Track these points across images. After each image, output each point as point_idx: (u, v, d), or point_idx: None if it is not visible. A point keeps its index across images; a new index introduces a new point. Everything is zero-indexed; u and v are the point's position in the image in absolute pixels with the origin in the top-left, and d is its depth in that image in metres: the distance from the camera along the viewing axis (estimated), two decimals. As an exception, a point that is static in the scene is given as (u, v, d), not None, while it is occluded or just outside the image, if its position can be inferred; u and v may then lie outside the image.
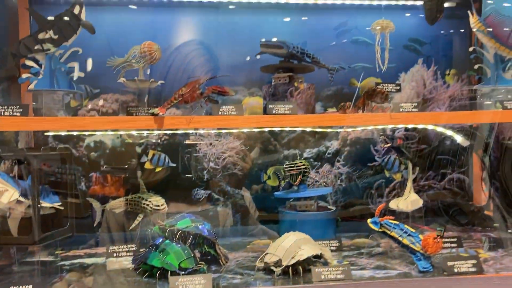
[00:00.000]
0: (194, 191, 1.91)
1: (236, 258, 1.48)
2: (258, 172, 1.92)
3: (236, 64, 1.95)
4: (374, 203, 1.99)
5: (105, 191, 1.86)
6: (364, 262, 1.40)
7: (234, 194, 1.92)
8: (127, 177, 1.87)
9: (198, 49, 1.96)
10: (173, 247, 1.31)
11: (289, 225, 1.62)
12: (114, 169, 1.88)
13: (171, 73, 1.91)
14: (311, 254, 1.31)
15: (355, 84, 1.97)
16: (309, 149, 1.97)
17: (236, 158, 1.90)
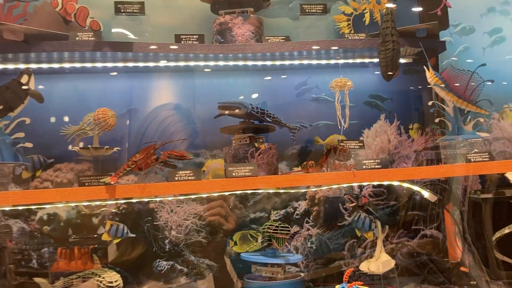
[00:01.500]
0: (154, 263, 1.79)
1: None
2: (222, 239, 1.83)
3: (207, 126, 1.91)
4: (347, 264, 1.90)
5: (71, 266, 1.73)
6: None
7: (199, 264, 1.81)
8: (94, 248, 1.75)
9: (173, 114, 1.93)
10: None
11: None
12: (81, 239, 1.76)
13: (147, 137, 1.85)
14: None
15: (319, 142, 1.94)
16: (277, 211, 1.90)
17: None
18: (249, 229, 1.85)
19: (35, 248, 1.72)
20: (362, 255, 1.89)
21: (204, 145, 1.91)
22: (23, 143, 1.47)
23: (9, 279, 1.67)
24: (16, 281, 1.68)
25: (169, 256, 1.79)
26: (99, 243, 1.71)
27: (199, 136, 1.92)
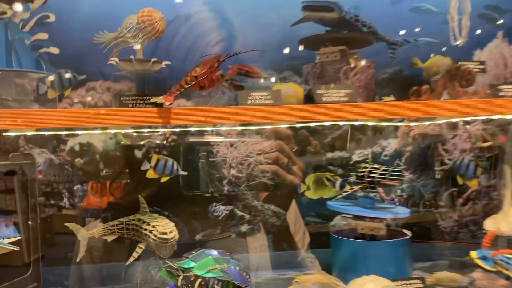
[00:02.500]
0: (211, 207, 1.46)
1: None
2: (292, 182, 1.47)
3: (260, 39, 1.50)
4: (444, 218, 1.54)
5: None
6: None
7: (263, 210, 1.47)
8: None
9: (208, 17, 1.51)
10: (190, 304, 0.86)
11: (345, 255, 1.17)
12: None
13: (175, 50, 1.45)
14: (401, 314, 0.86)
15: (418, 64, 1.51)
16: (360, 151, 1.52)
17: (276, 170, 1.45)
18: (325, 171, 1.50)
19: (66, 186, 1.41)
20: (463, 208, 1.52)
21: (270, 63, 1.51)
22: (47, 47, 1.10)
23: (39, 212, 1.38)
24: (45, 214, 1.39)
25: (228, 200, 1.46)
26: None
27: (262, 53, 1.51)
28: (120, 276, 1.30)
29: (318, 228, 1.61)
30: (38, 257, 1.10)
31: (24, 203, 1.25)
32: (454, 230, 1.51)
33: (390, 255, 1.11)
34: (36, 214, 1.29)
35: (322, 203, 1.52)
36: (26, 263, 1.16)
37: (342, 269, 1.17)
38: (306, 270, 1.38)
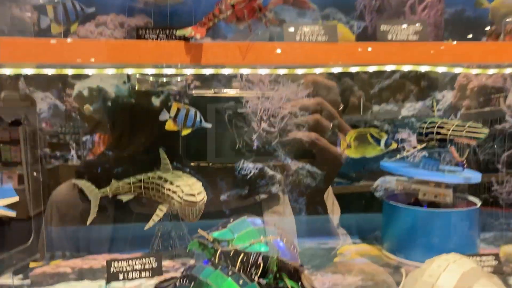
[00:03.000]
0: (237, 164, 1.28)
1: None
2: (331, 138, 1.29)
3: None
4: (500, 182, 1.35)
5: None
6: None
7: (297, 170, 1.29)
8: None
9: None
10: (231, 285, 0.69)
11: (401, 225, 1.00)
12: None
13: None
14: (493, 303, 0.69)
15: (484, 4, 1.29)
16: (411, 104, 1.32)
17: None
18: (369, 127, 1.31)
19: (73, 137, 1.23)
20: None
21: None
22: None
23: (44, 164, 1.21)
24: (51, 165, 1.22)
25: (257, 156, 1.28)
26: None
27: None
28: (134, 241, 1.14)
29: (340, 189, 1.44)
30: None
31: (28, 154, 1.08)
32: (511, 197, 1.33)
33: (457, 227, 0.93)
34: (38, 166, 1.13)
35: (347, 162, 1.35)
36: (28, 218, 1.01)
37: (397, 242, 1.00)
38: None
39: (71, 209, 1.16)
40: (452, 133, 0.96)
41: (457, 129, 0.96)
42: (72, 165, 1.22)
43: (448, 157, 1.26)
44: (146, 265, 0.92)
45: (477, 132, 0.94)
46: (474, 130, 0.94)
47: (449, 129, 0.97)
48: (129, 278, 0.90)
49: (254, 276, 0.71)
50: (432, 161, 1.02)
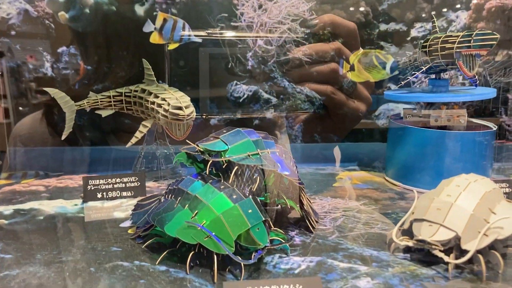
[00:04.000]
0: (230, 86, 1.17)
1: (328, 212, 0.79)
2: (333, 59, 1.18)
3: None
4: (509, 113, 1.27)
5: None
6: None
7: (294, 93, 1.19)
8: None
9: None
10: (223, 201, 0.60)
11: (409, 148, 0.91)
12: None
13: None
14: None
15: None
16: (421, 23, 1.20)
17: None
18: (375, 48, 1.20)
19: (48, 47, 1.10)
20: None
21: None
22: None
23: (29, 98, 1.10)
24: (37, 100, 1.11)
25: (251, 77, 1.17)
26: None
27: None
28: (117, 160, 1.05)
29: None
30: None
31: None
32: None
33: (472, 150, 0.85)
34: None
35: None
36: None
37: (403, 167, 0.91)
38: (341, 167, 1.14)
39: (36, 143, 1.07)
40: (458, 45, 0.86)
41: (463, 39, 0.86)
42: (47, 78, 1.10)
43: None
44: (128, 183, 0.83)
45: (486, 39, 0.84)
46: (482, 38, 0.84)
47: (454, 41, 0.86)
48: (109, 197, 0.81)
49: (249, 192, 0.63)
50: (440, 82, 0.92)
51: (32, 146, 1.08)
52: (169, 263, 0.60)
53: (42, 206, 0.79)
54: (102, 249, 0.64)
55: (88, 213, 0.76)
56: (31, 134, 1.07)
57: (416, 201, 0.66)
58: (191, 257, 0.58)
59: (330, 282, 0.56)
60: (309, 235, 0.69)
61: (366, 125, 1.29)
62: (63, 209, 0.78)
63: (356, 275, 0.58)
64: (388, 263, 0.61)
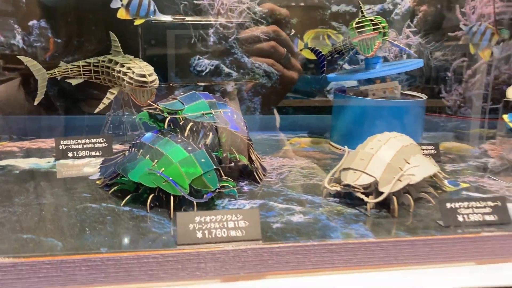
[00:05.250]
0: (193, 60, 1.26)
1: (275, 169, 0.90)
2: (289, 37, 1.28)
3: None
4: (448, 89, 1.41)
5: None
6: (495, 186, 0.84)
7: (253, 68, 1.29)
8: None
9: None
10: (180, 152, 0.70)
11: (350, 116, 1.02)
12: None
13: None
14: (427, 174, 0.74)
15: None
16: (370, 5, 1.31)
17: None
18: (327, 28, 1.31)
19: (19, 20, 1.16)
20: (469, 80, 1.39)
21: None
22: None
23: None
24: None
25: (213, 53, 1.26)
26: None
27: None
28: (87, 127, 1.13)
29: (297, 102, 1.47)
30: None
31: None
32: (457, 104, 1.39)
33: (404, 117, 0.97)
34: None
35: (303, 80, 1.38)
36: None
37: (345, 133, 1.03)
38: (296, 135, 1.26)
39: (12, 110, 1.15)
40: (352, 31, 0.99)
41: (357, 25, 1.00)
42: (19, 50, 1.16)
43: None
44: (96, 144, 0.91)
45: (376, 24, 0.97)
46: (373, 23, 0.98)
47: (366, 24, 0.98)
48: (79, 156, 0.90)
49: (203, 146, 0.72)
50: (373, 59, 1.03)
51: (7, 113, 1.15)
52: (132, 205, 0.69)
53: (17, 163, 0.87)
54: (73, 195, 0.73)
55: (60, 168, 0.85)
56: (7, 101, 1.14)
57: (345, 155, 0.78)
58: (151, 198, 0.68)
59: (268, 217, 0.67)
60: (256, 185, 0.80)
61: (320, 102, 1.41)
62: (37, 165, 0.86)
63: (291, 213, 0.69)
64: (320, 204, 0.73)
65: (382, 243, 0.61)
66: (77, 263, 0.53)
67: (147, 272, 0.55)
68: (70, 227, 0.62)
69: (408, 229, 0.66)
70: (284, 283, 0.58)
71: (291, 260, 0.59)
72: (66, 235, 0.60)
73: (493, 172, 0.91)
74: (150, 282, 0.55)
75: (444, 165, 0.95)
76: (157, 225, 0.64)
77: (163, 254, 0.56)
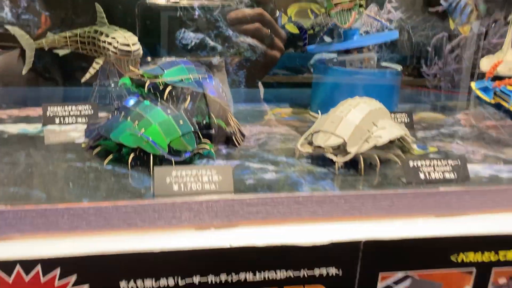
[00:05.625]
0: (178, 33, 1.29)
1: (254, 134, 0.94)
2: (273, 11, 1.31)
3: None
4: (428, 64, 1.44)
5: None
6: (461, 150, 0.89)
7: (238, 42, 1.32)
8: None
9: None
10: (159, 114, 0.74)
11: (329, 86, 1.06)
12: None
13: None
14: (393, 136, 0.78)
15: None
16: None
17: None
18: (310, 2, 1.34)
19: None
20: (449, 54, 1.43)
21: None
22: None
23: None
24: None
25: (198, 26, 1.28)
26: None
27: None
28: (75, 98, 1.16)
29: (284, 78, 1.51)
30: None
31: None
32: (436, 78, 1.43)
33: (379, 86, 1.01)
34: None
35: (290, 57, 1.41)
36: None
37: (323, 101, 1.07)
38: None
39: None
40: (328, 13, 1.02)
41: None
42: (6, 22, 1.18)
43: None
44: (82, 111, 0.95)
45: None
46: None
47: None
48: (65, 123, 0.94)
49: (182, 109, 0.76)
50: (350, 31, 1.06)
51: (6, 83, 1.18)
52: (114, 164, 0.73)
53: (6, 128, 0.90)
54: (59, 156, 0.77)
55: (47, 133, 0.88)
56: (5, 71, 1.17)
57: (319, 119, 0.82)
58: (132, 157, 0.72)
59: (243, 175, 0.72)
60: (234, 148, 0.84)
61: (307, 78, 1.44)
62: (25, 130, 0.90)
63: (265, 171, 0.74)
64: (293, 165, 0.77)
65: (346, 196, 0.65)
66: (60, 212, 0.58)
67: (126, 221, 0.60)
68: (54, 182, 0.66)
69: (372, 185, 0.70)
70: (254, 232, 0.62)
71: (260, 210, 0.63)
72: (51, 188, 0.64)
73: (462, 138, 0.95)
74: (129, 229, 0.59)
75: (416, 131, 1.00)
76: (137, 181, 0.68)
77: (141, 204, 0.60)
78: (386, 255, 0.64)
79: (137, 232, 0.60)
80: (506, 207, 0.69)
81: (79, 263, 0.56)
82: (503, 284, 0.68)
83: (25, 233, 0.57)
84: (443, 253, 0.65)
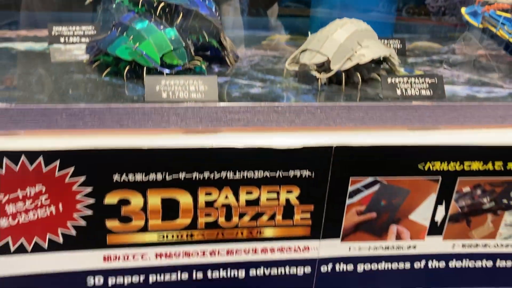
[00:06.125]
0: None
1: (248, 57, 0.98)
2: None
3: None
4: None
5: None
6: (447, 74, 0.92)
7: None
8: None
9: None
10: (152, 29, 0.78)
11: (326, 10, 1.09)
12: None
13: None
14: (377, 55, 0.81)
15: None
16: None
17: None
18: None
19: None
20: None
21: None
22: None
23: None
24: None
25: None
26: None
27: None
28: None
29: (295, 11, 1.52)
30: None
31: None
32: (441, 11, 1.42)
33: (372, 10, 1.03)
34: None
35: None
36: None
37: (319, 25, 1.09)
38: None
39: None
40: None
41: None
42: None
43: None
44: (86, 31, 1.00)
45: None
46: None
47: None
48: (70, 42, 0.99)
49: (175, 25, 0.80)
50: None
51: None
52: (112, 77, 0.79)
53: (14, 45, 0.96)
54: (62, 69, 0.82)
55: (52, 51, 0.94)
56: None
57: (308, 39, 0.85)
58: (127, 69, 0.77)
59: (231, 89, 0.77)
60: (227, 68, 0.89)
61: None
62: (32, 48, 0.95)
63: (251, 87, 0.78)
64: (280, 82, 0.82)
65: (322, 107, 0.70)
66: (59, 111, 0.64)
67: (118, 122, 0.66)
68: (55, 89, 0.72)
69: (351, 99, 0.75)
70: (236, 137, 0.68)
71: (241, 118, 0.68)
72: (52, 93, 0.70)
73: (451, 65, 0.98)
74: (120, 129, 0.66)
75: (408, 58, 1.02)
76: (132, 90, 0.74)
77: (132, 106, 0.66)
78: (356, 161, 0.69)
79: (129, 132, 0.66)
80: (475, 123, 0.73)
81: (76, 156, 0.63)
82: (466, 192, 0.74)
83: (28, 129, 0.64)
84: (411, 161, 0.70)
